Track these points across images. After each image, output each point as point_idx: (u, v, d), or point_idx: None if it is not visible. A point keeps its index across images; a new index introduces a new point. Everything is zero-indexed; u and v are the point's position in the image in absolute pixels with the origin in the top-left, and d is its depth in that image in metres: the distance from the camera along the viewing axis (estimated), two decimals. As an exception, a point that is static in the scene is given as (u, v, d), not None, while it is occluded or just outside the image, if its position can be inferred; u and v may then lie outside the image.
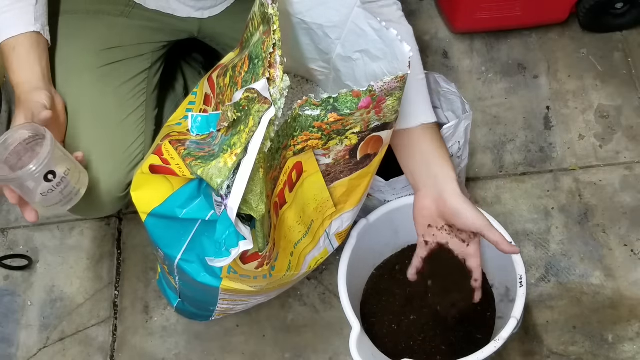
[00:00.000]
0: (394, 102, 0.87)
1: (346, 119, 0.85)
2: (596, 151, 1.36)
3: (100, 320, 1.29)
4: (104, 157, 1.05)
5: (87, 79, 1.08)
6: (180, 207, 0.91)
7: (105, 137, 1.07)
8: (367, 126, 0.89)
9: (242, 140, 0.81)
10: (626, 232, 1.28)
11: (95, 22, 1.12)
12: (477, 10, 1.41)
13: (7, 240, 1.38)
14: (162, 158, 0.91)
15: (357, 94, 0.83)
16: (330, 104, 0.83)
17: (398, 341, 1.13)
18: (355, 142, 0.90)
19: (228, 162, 0.80)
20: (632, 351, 1.19)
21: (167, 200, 0.92)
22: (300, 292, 1.28)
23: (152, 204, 0.93)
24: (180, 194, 0.91)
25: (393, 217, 1.12)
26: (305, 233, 0.98)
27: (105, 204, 1.09)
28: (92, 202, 1.07)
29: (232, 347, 1.25)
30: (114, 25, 1.13)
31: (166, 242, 0.94)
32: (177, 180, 0.91)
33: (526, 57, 1.47)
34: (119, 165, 1.07)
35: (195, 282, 0.96)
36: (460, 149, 1.12)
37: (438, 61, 1.48)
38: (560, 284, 1.25)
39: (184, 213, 0.91)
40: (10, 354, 1.27)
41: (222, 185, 0.81)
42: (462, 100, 1.12)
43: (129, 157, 1.08)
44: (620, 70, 1.44)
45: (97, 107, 1.07)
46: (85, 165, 0.99)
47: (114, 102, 1.09)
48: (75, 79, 1.07)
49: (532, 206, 1.32)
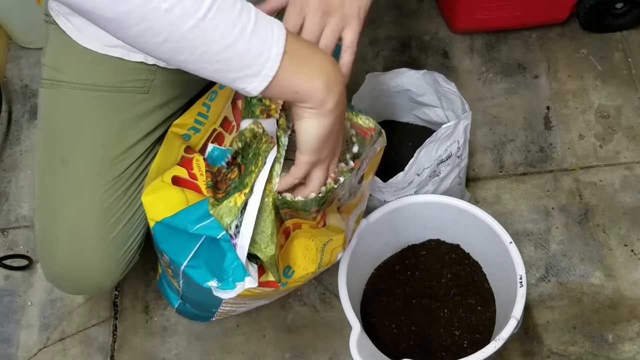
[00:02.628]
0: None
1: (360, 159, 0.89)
2: (596, 151, 1.36)
3: (100, 320, 1.29)
4: (105, 259, 1.01)
5: (105, 178, 1.00)
6: (193, 222, 0.90)
7: (112, 239, 1.01)
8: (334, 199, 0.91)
9: (252, 180, 0.81)
10: (626, 232, 1.28)
11: (109, 103, 1.01)
12: (477, 10, 1.41)
13: (7, 240, 1.38)
14: (190, 172, 0.90)
15: (365, 133, 0.88)
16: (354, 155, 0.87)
17: (398, 341, 1.13)
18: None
19: (237, 202, 0.81)
20: (632, 351, 1.19)
21: (180, 213, 0.91)
22: (300, 292, 1.28)
23: (164, 214, 0.92)
24: (194, 209, 0.90)
25: (393, 217, 1.12)
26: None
27: (92, 293, 1.16)
28: (81, 291, 1.09)
29: (232, 347, 1.25)
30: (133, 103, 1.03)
31: (173, 250, 0.93)
32: (193, 196, 0.91)
33: (526, 57, 1.47)
34: (118, 266, 1.02)
35: (201, 288, 0.96)
36: (460, 148, 1.12)
37: (438, 61, 1.48)
38: (560, 284, 1.25)
39: (195, 229, 0.90)
40: (10, 354, 1.27)
41: (231, 225, 0.81)
42: (462, 100, 1.12)
43: (128, 255, 1.03)
44: (620, 70, 1.44)
45: (110, 209, 1.00)
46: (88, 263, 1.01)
47: (124, 202, 1.02)
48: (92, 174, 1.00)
49: (532, 206, 1.32)
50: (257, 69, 0.67)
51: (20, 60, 1.57)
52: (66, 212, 1.01)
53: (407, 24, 1.54)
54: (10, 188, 1.43)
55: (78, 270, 1.01)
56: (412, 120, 1.27)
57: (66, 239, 1.00)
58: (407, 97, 1.22)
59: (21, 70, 1.56)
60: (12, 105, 1.53)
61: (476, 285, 1.16)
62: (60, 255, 1.01)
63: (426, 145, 1.07)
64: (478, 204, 1.31)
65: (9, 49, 1.59)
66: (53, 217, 1.01)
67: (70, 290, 1.10)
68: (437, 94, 1.17)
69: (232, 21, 0.64)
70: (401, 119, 1.27)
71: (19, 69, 1.57)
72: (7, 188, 1.44)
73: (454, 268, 1.17)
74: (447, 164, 1.13)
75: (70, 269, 1.01)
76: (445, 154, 1.11)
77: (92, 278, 1.02)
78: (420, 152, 1.07)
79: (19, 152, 1.47)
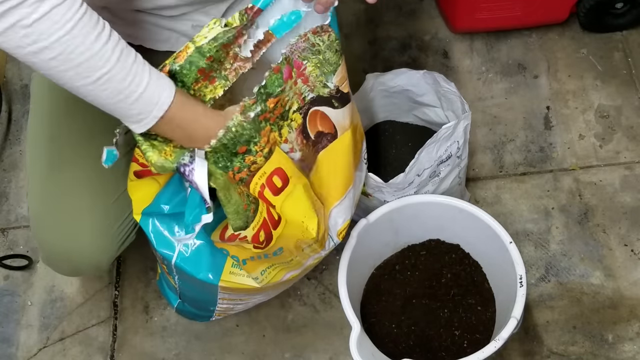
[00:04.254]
0: (314, 69, 0.89)
1: (282, 98, 0.87)
2: (596, 151, 1.36)
3: (100, 320, 1.29)
4: (98, 233, 1.01)
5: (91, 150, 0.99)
6: (164, 203, 0.92)
7: (103, 213, 1.01)
8: (303, 99, 0.91)
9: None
10: (626, 232, 1.28)
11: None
12: (477, 10, 1.41)
13: (7, 240, 1.38)
14: (139, 163, 0.92)
15: (277, 68, 0.86)
16: (263, 93, 0.85)
17: (398, 341, 1.13)
18: (300, 121, 0.92)
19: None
20: (632, 351, 1.19)
21: (155, 198, 0.94)
22: (300, 292, 1.28)
23: (143, 205, 0.94)
24: (165, 190, 0.93)
25: (393, 217, 1.12)
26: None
27: (90, 273, 1.12)
28: (78, 270, 1.06)
29: (232, 347, 1.25)
30: None
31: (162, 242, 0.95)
32: (164, 178, 0.92)
33: (526, 57, 1.47)
34: (112, 241, 1.02)
35: (195, 280, 0.96)
36: (460, 148, 1.12)
37: (438, 61, 1.48)
38: (560, 284, 1.25)
39: (168, 209, 0.92)
40: (10, 354, 1.27)
41: (185, 157, 0.83)
42: (462, 100, 1.12)
43: (122, 231, 1.03)
44: (620, 70, 1.44)
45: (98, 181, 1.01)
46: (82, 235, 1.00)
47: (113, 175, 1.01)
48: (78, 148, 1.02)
49: (532, 206, 1.32)
50: (136, 120, 0.80)
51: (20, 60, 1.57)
52: (54, 187, 1.01)
53: (407, 24, 1.54)
54: (10, 188, 1.44)
55: (72, 247, 1.00)
56: (412, 120, 1.27)
57: (57, 213, 1.00)
58: (407, 97, 1.22)
59: (21, 70, 1.56)
60: (12, 105, 1.53)
61: (476, 285, 1.16)
62: (52, 232, 1.01)
63: (427, 146, 1.07)
64: (478, 204, 1.31)
65: (9, 49, 1.59)
66: (42, 193, 1.02)
67: (67, 270, 1.07)
68: (437, 94, 1.17)
69: (119, 90, 0.76)
70: (401, 119, 1.27)
71: (19, 69, 1.57)
72: (7, 188, 1.44)
73: (454, 268, 1.17)
74: (447, 164, 1.13)
75: (64, 246, 1.00)
76: (445, 154, 1.11)
77: (88, 254, 1.01)
78: (421, 153, 1.07)
79: (19, 152, 1.47)
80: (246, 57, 0.88)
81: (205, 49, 0.83)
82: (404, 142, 1.26)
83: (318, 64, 0.90)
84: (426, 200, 1.13)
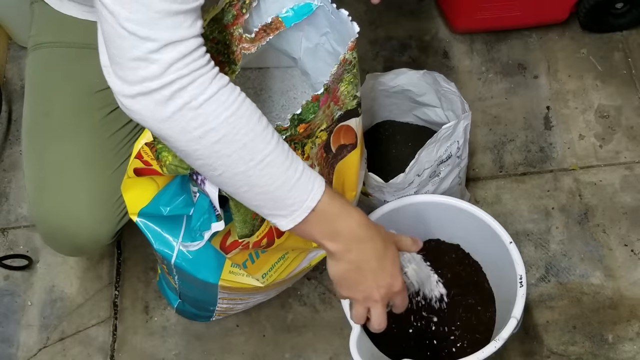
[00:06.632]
0: (347, 86, 0.88)
1: (313, 123, 0.86)
2: (596, 151, 1.36)
3: (100, 320, 1.29)
4: (96, 205, 1.00)
5: (86, 124, 1.02)
6: (164, 205, 0.92)
7: (101, 185, 1.01)
8: (332, 119, 0.90)
9: None
10: (626, 232, 1.28)
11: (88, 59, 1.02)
12: (477, 10, 1.41)
13: (7, 240, 1.38)
14: (143, 160, 0.92)
15: (316, 97, 0.85)
16: (295, 119, 0.84)
17: (398, 341, 1.13)
18: (325, 138, 0.91)
19: None
20: (632, 351, 1.19)
21: (153, 199, 0.94)
22: (300, 292, 1.28)
23: (140, 205, 0.94)
24: (164, 192, 0.93)
25: (393, 217, 1.12)
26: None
27: (90, 250, 1.07)
28: (78, 246, 1.04)
29: (232, 347, 1.25)
30: None
31: (160, 242, 0.95)
32: (162, 179, 0.92)
33: (526, 57, 1.47)
34: (111, 214, 1.01)
35: (195, 280, 0.96)
36: (460, 148, 1.12)
37: (438, 61, 1.48)
38: (560, 284, 1.25)
39: (168, 211, 0.92)
40: (10, 354, 1.27)
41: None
42: (462, 100, 1.13)
43: (121, 205, 1.01)
44: (620, 70, 1.44)
45: (94, 153, 1.02)
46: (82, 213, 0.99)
47: (110, 147, 1.03)
48: (73, 121, 1.02)
49: (532, 206, 1.32)
50: (287, 213, 0.78)
51: (20, 60, 1.57)
52: (51, 161, 1.01)
53: (407, 24, 1.54)
54: (10, 188, 1.44)
55: (70, 218, 0.99)
56: (412, 120, 1.27)
57: (53, 186, 1.00)
58: (407, 97, 1.22)
59: (21, 70, 1.56)
60: (12, 105, 1.53)
61: (476, 285, 1.16)
62: (50, 205, 1.00)
63: (427, 146, 1.07)
64: (478, 204, 1.31)
65: (9, 49, 1.59)
66: (39, 168, 1.01)
67: (67, 247, 1.05)
68: (437, 94, 1.17)
69: (278, 175, 0.75)
70: (401, 119, 1.27)
71: (19, 69, 1.57)
72: (7, 188, 1.44)
73: (454, 268, 1.17)
74: (447, 164, 1.13)
75: (62, 219, 1.00)
76: (445, 154, 1.11)
77: (86, 226, 1.00)
78: (421, 153, 1.07)
79: (18, 152, 1.47)
80: (251, 38, 0.87)
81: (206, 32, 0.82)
82: (404, 142, 1.26)
83: (352, 78, 0.89)
84: (426, 200, 1.13)
